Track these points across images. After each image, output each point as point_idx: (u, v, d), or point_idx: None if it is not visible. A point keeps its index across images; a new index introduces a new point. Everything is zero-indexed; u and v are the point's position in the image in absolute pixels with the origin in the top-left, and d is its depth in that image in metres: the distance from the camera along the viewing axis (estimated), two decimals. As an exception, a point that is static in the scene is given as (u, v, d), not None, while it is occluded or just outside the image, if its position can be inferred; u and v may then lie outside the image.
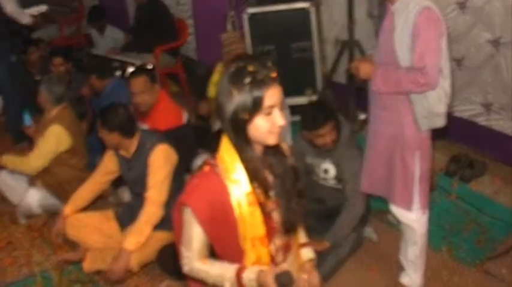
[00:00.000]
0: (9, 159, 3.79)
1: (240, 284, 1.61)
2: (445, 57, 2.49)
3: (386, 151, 2.74)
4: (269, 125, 1.56)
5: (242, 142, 1.60)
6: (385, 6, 2.60)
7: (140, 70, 3.83)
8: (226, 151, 1.63)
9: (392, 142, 2.69)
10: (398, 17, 2.48)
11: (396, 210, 2.80)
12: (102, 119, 3.15)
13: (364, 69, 2.67)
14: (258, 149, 1.63)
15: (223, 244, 1.67)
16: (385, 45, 2.59)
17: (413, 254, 2.86)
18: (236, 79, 1.54)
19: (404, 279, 2.96)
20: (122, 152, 3.25)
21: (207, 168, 1.65)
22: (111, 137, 3.14)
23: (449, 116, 3.91)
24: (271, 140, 1.59)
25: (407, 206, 2.73)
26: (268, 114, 1.55)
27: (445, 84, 2.52)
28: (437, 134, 2.78)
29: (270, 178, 1.67)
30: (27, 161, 3.73)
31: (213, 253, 1.74)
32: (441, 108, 2.56)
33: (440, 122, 2.62)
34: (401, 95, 2.57)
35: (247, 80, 1.52)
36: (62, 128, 3.72)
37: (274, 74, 1.56)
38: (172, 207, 1.76)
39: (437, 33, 2.43)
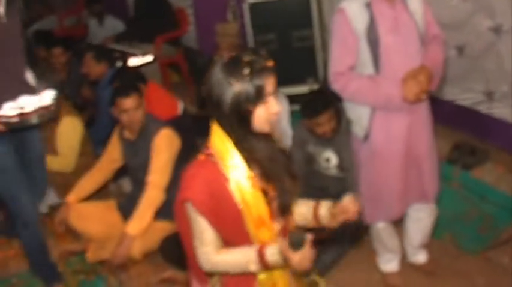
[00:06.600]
0: None
1: (263, 262, 1.60)
2: None
3: (403, 153, 2.56)
4: (266, 113, 1.58)
5: (246, 133, 1.60)
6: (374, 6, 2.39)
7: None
8: (218, 138, 1.63)
9: (413, 133, 2.53)
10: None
11: (424, 208, 2.81)
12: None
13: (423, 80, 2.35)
14: None
15: (229, 233, 1.66)
16: (405, 40, 2.40)
17: (429, 228, 2.92)
18: (234, 70, 1.53)
19: (420, 257, 3.01)
20: (126, 134, 3.26)
21: (202, 157, 1.65)
22: None
23: (451, 104, 3.92)
24: (267, 128, 1.61)
25: (438, 190, 2.74)
26: (266, 102, 1.57)
27: None
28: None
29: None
30: (62, 161, 3.71)
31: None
32: None
33: None
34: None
35: (246, 70, 1.52)
36: (71, 118, 3.72)
37: (270, 63, 1.57)
38: (173, 195, 1.75)
39: None
